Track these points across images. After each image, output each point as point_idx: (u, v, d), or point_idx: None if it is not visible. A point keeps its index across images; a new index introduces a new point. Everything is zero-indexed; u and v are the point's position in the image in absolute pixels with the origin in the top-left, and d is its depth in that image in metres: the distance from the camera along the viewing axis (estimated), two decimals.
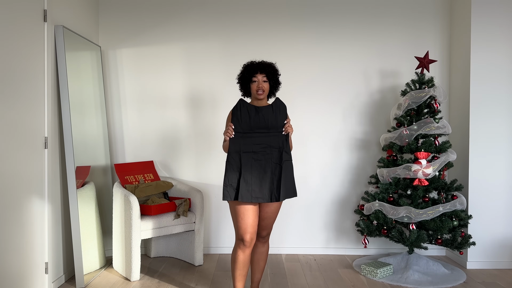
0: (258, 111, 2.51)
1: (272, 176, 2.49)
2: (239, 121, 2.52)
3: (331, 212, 3.87)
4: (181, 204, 3.39)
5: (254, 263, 2.70)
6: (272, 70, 2.55)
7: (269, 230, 2.63)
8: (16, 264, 2.52)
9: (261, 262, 2.68)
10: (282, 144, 2.53)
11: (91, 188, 3.28)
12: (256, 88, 2.51)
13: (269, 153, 2.51)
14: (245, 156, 2.49)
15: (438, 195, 3.30)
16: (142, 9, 3.81)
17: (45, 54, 2.85)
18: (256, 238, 2.60)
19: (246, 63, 2.60)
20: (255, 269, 2.71)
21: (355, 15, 3.81)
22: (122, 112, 3.83)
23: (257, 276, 2.71)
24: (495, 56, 3.47)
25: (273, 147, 2.52)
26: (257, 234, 2.60)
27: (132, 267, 3.10)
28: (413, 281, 3.12)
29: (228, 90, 3.79)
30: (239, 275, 2.52)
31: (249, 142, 2.51)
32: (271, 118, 2.51)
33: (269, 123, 2.50)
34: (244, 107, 2.54)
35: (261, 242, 2.66)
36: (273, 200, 2.48)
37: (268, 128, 2.51)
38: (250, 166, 2.48)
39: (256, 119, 2.50)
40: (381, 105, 3.83)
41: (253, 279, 2.73)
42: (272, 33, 3.81)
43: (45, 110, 2.84)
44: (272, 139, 2.52)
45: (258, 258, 2.68)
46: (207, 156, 3.84)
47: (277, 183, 2.49)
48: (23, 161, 2.59)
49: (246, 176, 2.46)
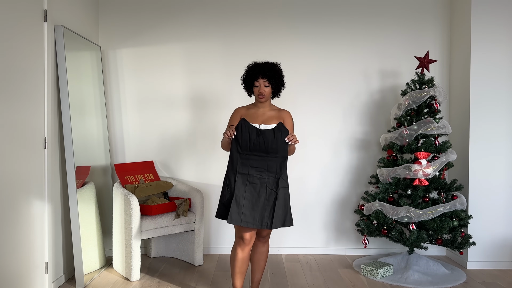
0: (259, 134, 2.49)
1: (265, 202, 2.47)
2: (238, 141, 2.51)
3: (331, 212, 3.87)
4: (181, 204, 3.39)
5: (255, 262, 2.70)
6: (274, 73, 2.54)
7: (269, 230, 2.64)
8: (16, 264, 2.52)
9: (261, 262, 2.69)
10: (279, 170, 2.51)
11: (91, 188, 3.28)
12: (257, 93, 2.54)
13: (265, 178, 2.50)
14: (240, 178, 2.49)
15: (438, 195, 3.30)
16: (142, 9, 3.81)
17: (45, 54, 2.85)
18: (257, 238, 2.63)
19: (250, 65, 2.61)
20: (255, 268, 2.71)
21: (355, 15, 3.81)
22: (122, 112, 3.83)
23: (257, 276, 2.72)
24: (495, 56, 3.47)
25: (270, 172, 2.50)
26: (258, 234, 2.62)
27: (132, 267, 3.10)
28: (413, 281, 3.12)
29: (228, 90, 3.80)
30: (238, 273, 2.55)
31: (246, 163, 2.51)
32: (271, 142, 2.47)
33: (268, 148, 2.48)
34: (245, 127, 2.51)
35: (261, 242, 2.67)
36: (264, 227, 2.46)
37: (267, 152, 2.49)
38: (244, 188, 2.48)
39: (256, 142, 2.48)
40: (381, 105, 3.83)
41: (253, 279, 2.73)
42: (272, 33, 3.81)
43: (45, 110, 2.84)
44: (270, 163, 2.50)
45: (259, 258, 2.69)
46: (207, 156, 3.84)
47: (271, 210, 2.46)
48: (23, 161, 2.59)
49: (239, 198, 2.46)
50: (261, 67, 2.54)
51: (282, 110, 2.65)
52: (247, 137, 2.49)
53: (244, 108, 2.65)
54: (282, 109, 2.67)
